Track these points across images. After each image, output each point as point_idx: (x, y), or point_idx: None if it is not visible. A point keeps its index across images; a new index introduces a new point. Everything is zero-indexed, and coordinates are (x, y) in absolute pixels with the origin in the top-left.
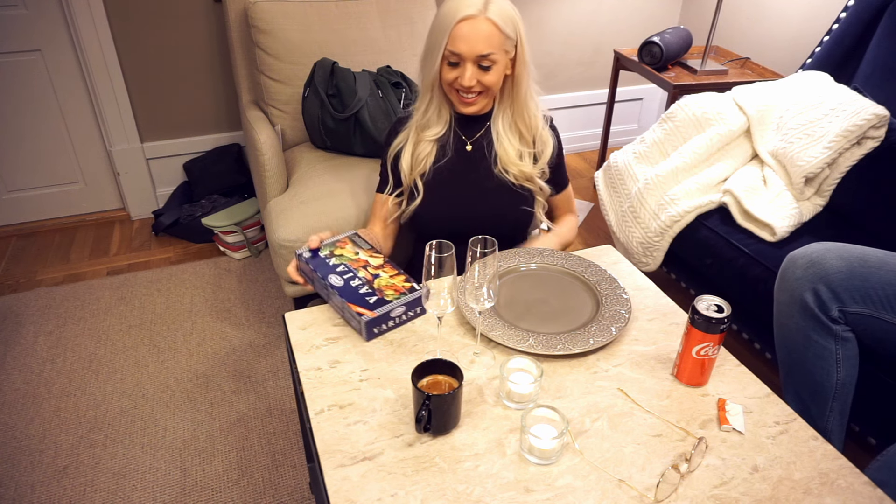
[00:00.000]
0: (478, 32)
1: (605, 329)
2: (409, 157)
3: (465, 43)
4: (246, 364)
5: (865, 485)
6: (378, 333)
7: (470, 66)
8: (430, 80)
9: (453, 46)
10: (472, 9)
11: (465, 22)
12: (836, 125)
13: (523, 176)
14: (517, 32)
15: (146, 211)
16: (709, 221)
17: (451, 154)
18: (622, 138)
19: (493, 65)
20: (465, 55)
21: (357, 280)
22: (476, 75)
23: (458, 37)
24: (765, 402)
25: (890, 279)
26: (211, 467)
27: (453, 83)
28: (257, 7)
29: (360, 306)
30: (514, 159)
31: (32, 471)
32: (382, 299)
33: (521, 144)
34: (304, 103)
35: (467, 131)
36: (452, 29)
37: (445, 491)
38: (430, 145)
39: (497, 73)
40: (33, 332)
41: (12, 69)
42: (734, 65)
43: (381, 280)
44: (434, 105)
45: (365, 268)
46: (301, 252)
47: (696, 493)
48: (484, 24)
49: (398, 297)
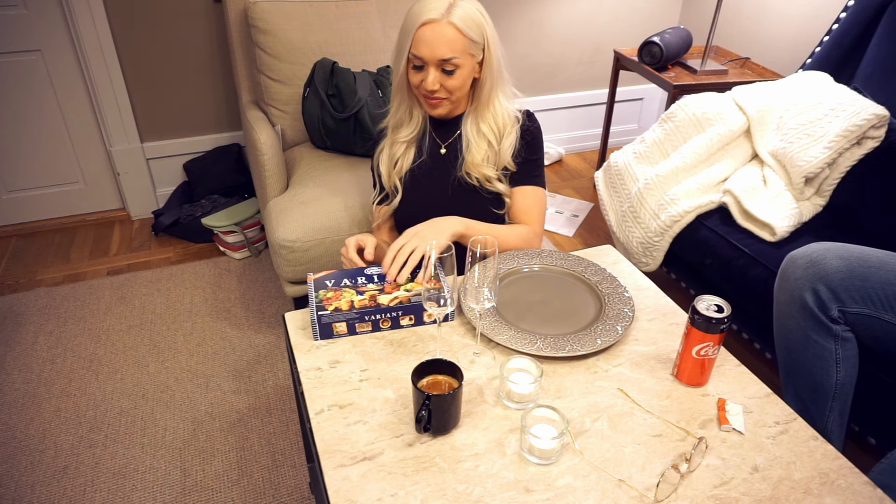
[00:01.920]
0: (439, 36)
1: (610, 329)
2: (387, 158)
3: (427, 47)
4: (246, 364)
5: (865, 485)
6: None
7: (433, 70)
8: (398, 82)
9: (416, 50)
10: (434, 13)
11: (427, 26)
12: (836, 125)
13: (483, 178)
14: (484, 36)
15: (146, 211)
16: (709, 221)
17: (426, 156)
18: (622, 138)
19: (457, 69)
20: (428, 59)
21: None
22: (439, 79)
23: (420, 41)
24: (765, 402)
25: (890, 279)
26: (211, 467)
27: (419, 87)
28: (257, 7)
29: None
30: (477, 162)
31: (32, 471)
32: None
33: (489, 148)
34: (304, 103)
35: (441, 134)
36: (415, 32)
37: (445, 491)
38: (405, 146)
39: (461, 77)
40: (33, 332)
41: (12, 69)
42: (734, 65)
43: (404, 289)
44: (404, 105)
45: (380, 293)
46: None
47: (696, 493)
48: (446, 28)
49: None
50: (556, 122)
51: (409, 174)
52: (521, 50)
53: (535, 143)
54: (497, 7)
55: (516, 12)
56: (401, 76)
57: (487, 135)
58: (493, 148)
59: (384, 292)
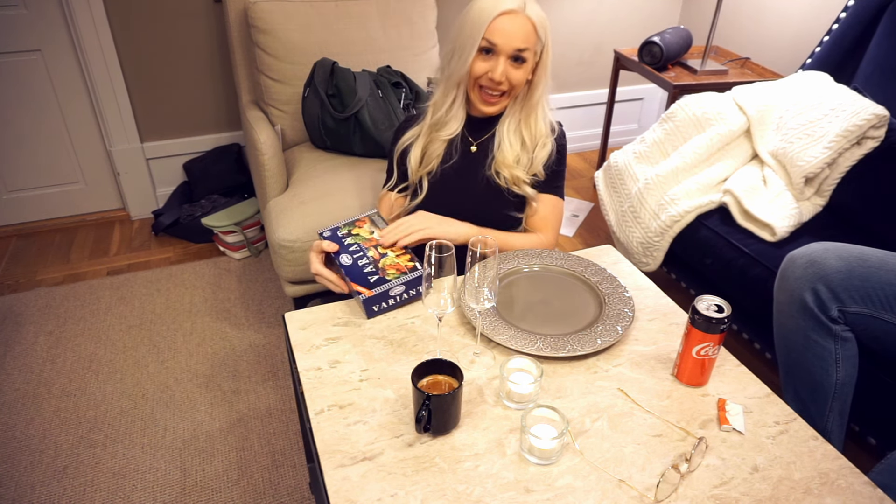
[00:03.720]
0: (517, 27)
1: (610, 329)
2: (420, 153)
3: (504, 35)
4: (246, 364)
5: (865, 485)
6: (378, 312)
7: (504, 60)
8: (458, 77)
9: (491, 37)
10: (513, 4)
11: (506, 15)
12: (836, 125)
13: (513, 179)
14: (546, 39)
15: (146, 211)
16: (709, 221)
17: (457, 155)
18: (622, 138)
19: (524, 63)
20: (502, 47)
21: (365, 259)
22: (507, 71)
23: (497, 29)
24: (765, 402)
25: (889, 279)
26: (211, 467)
27: (481, 78)
28: (257, 7)
29: (360, 284)
30: (509, 162)
31: (32, 471)
32: (383, 278)
33: (522, 150)
34: (304, 103)
35: (475, 133)
36: (492, 21)
37: (445, 491)
38: (442, 145)
39: (525, 71)
40: (33, 332)
41: (12, 69)
42: (734, 65)
43: (386, 259)
44: (457, 103)
45: (375, 247)
46: (322, 231)
47: (696, 493)
48: (524, 20)
49: (398, 277)
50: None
51: (439, 172)
52: None
53: (563, 154)
54: None
55: None
56: (462, 68)
57: (524, 136)
58: (526, 151)
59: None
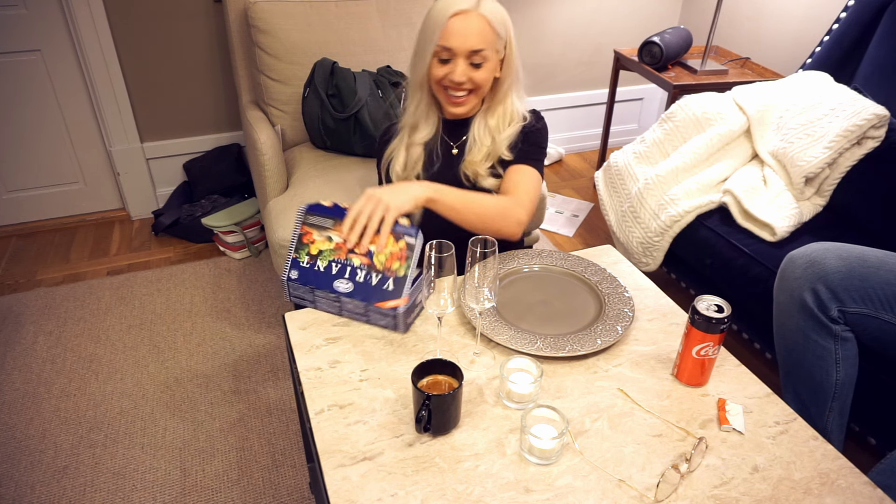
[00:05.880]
0: (470, 27)
1: (610, 329)
2: (402, 160)
3: (458, 37)
4: (246, 364)
5: (865, 485)
6: (414, 317)
7: (461, 62)
8: (420, 79)
9: (445, 41)
10: (465, 4)
11: (458, 16)
12: (836, 125)
13: (474, 176)
14: (507, 34)
15: (146, 211)
16: (709, 221)
17: (439, 159)
18: (622, 138)
19: (484, 62)
20: (457, 50)
21: (359, 271)
22: (467, 72)
23: (450, 31)
24: (765, 402)
25: (889, 279)
26: (211, 467)
27: (443, 80)
28: (257, 7)
29: (385, 300)
30: (476, 160)
31: (32, 471)
32: (397, 277)
33: (492, 143)
34: (304, 103)
35: (453, 135)
36: (446, 24)
37: (445, 491)
38: (420, 149)
39: (487, 71)
40: (33, 332)
41: (12, 69)
42: (734, 65)
43: (377, 257)
44: (423, 105)
45: (351, 251)
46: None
47: (696, 493)
48: (477, 19)
49: (407, 266)
50: (556, 122)
51: (422, 177)
52: (522, 50)
53: (537, 137)
54: None
55: (516, 12)
56: (423, 72)
57: (493, 131)
58: (494, 143)
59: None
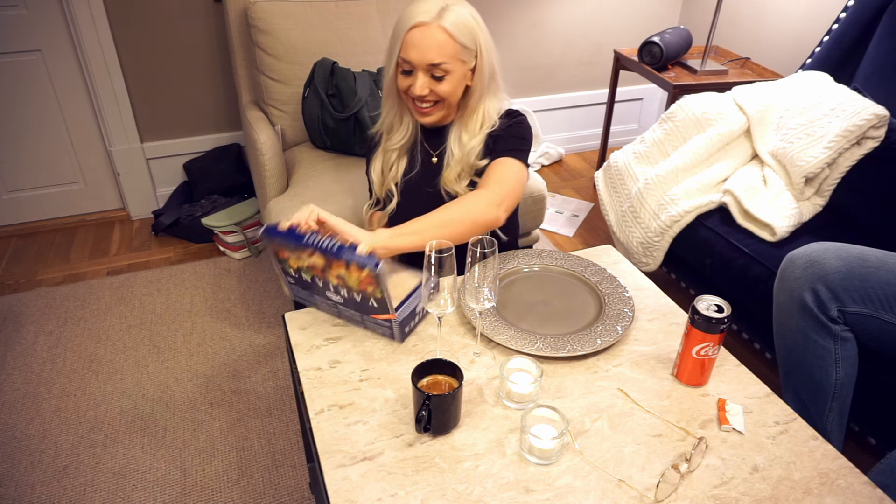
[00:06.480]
0: (429, 41)
1: (610, 329)
2: (379, 166)
3: (416, 51)
4: (246, 364)
5: (865, 485)
6: (410, 331)
7: (421, 75)
8: (388, 87)
9: (405, 54)
10: (425, 16)
11: (417, 29)
12: (836, 125)
13: (454, 192)
14: (477, 43)
15: (146, 211)
16: (709, 221)
17: (419, 166)
18: (622, 138)
19: (447, 74)
20: (416, 63)
21: (342, 289)
22: (428, 84)
23: (409, 44)
24: (765, 402)
25: (889, 279)
26: (211, 467)
27: (407, 91)
28: (257, 7)
29: (379, 314)
30: (451, 178)
31: (32, 471)
32: (375, 297)
33: (464, 158)
34: (304, 103)
35: (433, 143)
36: (405, 36)
37: (445, 491)
38: (397, 154)
39: (452, 83)
40: (33, 332)
41: (12, 69)
42: (734, 65)
43: (348, 281)
44: (394, 111)
45: (323, 271)
46: (287, 274)
47: (696, 493)
48: (437, 32)
49: (385, 294)
50: (556, 122)
51: (403, 183)
52: (521, 50)
53: (516, 130)
54: (497, 7)
55: (516, 12)
56: (390, 81)
57: (465, 145)
58: (466, 156)
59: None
